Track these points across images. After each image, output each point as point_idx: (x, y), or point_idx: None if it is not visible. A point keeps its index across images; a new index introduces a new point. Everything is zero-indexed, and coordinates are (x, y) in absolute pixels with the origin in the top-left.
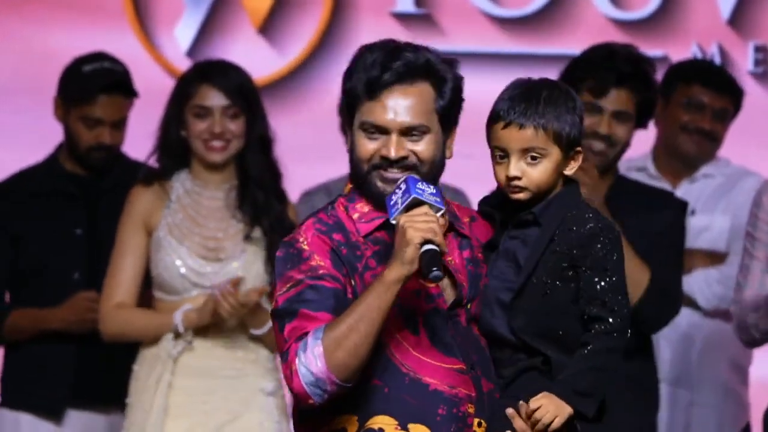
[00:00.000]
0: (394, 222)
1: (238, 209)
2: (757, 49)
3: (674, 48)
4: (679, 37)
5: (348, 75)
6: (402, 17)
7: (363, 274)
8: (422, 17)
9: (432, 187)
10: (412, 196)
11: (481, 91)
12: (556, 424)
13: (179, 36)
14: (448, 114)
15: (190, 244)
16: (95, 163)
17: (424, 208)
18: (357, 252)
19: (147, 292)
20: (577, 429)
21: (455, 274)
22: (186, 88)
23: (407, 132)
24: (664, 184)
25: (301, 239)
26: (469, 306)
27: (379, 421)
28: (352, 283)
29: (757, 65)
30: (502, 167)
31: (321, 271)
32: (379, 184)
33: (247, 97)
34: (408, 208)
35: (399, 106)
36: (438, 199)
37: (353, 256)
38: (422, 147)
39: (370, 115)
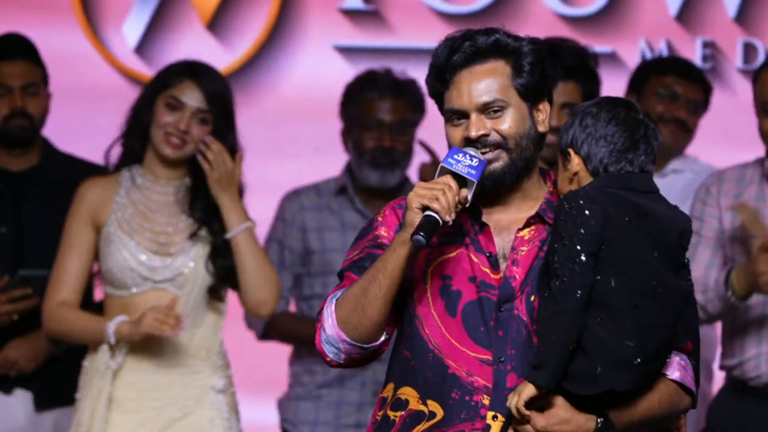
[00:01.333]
0: None
1: (189, 207)
2: (705, 44)
3: (622, 44)
4: (627, 32)
5: (427, 73)
6: (350, 13)
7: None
8: (370, 14)
9: (475, 159)
10: (440, 166)
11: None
12: (520, 403)
13: (127, 32)
14: (531, 88)
15: (140, 238)
16: (16, 133)
17: (445, 178)
18: None
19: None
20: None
21: (511, 265)
22: (169, 77)
23: (485, 109)
24: None
25: (381, 212)
26: (532, 299)
27: (407, 392)
28: None
29: (705, 61)
30: None
31: (380, 241)
32: None
33: (222, 106)
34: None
35: (471, 86)
36: (472, 171)
37: None
38: (503, 123)
39: (448, 102)
